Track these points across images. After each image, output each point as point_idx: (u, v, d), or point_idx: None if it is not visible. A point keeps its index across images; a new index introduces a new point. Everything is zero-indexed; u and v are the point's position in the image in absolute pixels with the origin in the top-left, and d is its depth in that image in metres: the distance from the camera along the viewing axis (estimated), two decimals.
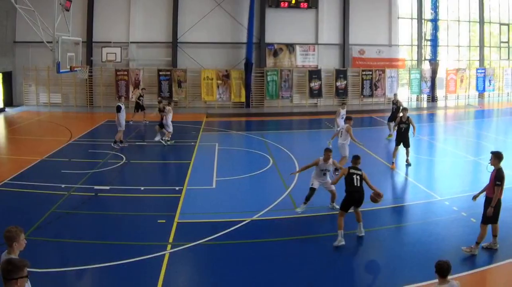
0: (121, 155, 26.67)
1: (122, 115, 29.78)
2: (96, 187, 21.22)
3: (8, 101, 49.03)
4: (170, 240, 15.88)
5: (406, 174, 25.05)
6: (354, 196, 15.65)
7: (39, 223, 17.12)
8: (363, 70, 52.39)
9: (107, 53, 47.79)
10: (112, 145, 28.95)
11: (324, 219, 17.58)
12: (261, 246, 15.52)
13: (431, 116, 46.56)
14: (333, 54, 52.90)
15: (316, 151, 28.22)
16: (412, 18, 55.30)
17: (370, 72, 52.41)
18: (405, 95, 54.32)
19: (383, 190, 21.20)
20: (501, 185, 14.21)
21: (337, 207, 16.89)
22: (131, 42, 49.70)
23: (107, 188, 21.35)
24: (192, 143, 31.60)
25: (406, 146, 26.64)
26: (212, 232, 16.35)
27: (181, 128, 36.30)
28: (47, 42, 30.21)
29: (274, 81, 50.18)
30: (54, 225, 17.19)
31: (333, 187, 18.26)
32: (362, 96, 52.59)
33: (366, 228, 15.57)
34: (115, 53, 47.85)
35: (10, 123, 40.59)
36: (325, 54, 52.39)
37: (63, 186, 21.58)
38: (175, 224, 17.25)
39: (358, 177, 15.84)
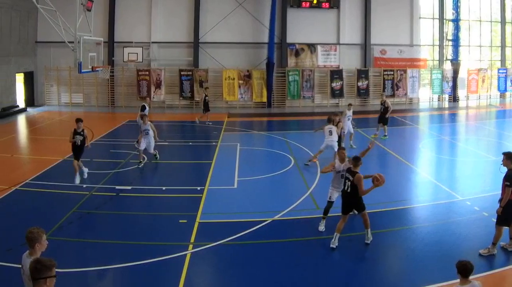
0: (143, 155, 26.72)
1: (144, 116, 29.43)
2: (117, 187, 21.27)
3: (30, 102, 49.33)
4: (192, 240, 15.88)
5: (428, 174, 24.86)
6: (343, 199, 15.54)
7: (60, 223, 17.17)
8: (384, 70, 52.21)
9: (128, 53, 47.97)
10: (135, 145, 28.85)
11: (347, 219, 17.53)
12: (282, 246, 15.46)
13: (453, 117, 46.32)
14: (355, 54, 52.77)
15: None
16: (433, 18, 55.09)
17: (392, 72, 52.21)
18: (427, 95, 54.21)
19: (404, 190, 21.35)
20: (510, 185, 14.06)
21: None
22: (152, 42, 49.84)
23: (129, 188, 21.40)
24: (214, 143, 31.62)
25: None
26: (234, 232, 16.33)
27: (203, 128, 36.30)
28: (69, 42, 30.23)
29: (295, 81, 50.12)
30: (75, 225, 17.25)
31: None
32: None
33: (387, 228, 15.46)
34: (137, 53, 48.02)
35: (31, 123, 40.78)
36: (347, 54, 52.24)
37: (84, 186, 21.69)
38: (196, 224, 17.25)
39: (348, 182, 15.31)
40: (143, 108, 30.20)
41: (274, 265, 14.13)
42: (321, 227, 16.64)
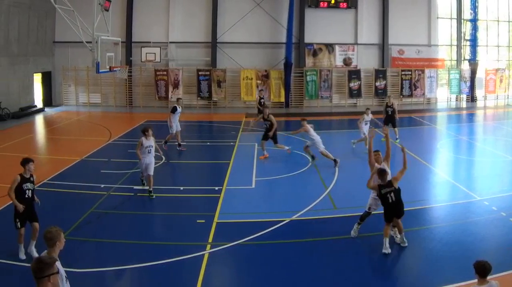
0: (161, 155, 26.80)
1: (176, 118, 29.35)
2: (135, 187, 21.34)
3: (48, 101, 49.59)
4: (210, 240, 15.89)
5: (446, 174, 24.81)
6: (390, 210, 15.01)
7: (78, 222, 17.24)
8: (402, 70, 52.02)
9: (146, 53, 48.02)
10: (163, 145, 28.77)
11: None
12: (300, 246, 15.44)
13: (470, 116, 46.13)
14: (373, 54, 52.63)
15: (355, 151, 28.14)
16: (451, 18, 54.78)
17: (410, 72, 52.00)
18: (445, 95, 54.00)
19: (422, 190, 21.38)
20: None
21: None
22: (170, 42, 49.97)
23: (147, 187, 21.33)
24: (232, 143, 31.64)
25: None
26: (251, 232, 16.32)
27: (221, 128, 36.33)
28: (87, 42, 30.30)
29: (313, 81, 50.08)
30: (93, 225, 17.29)
31: None
32: (401, 96, 52.15)
33: (405, 228, 15.28)
34: (155, 53, 48.05)
35: (49, 123, 40.94)
36: (365, 54, 52.17)
37: (102, 186, 21.74)
38: (214, 224, 17.25)
39: (390, 194, 14.88)
40: (174, 109, 29.76)
41: (292, 265, 14.11)
42: (354, 233, 16.13)
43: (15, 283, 12.90)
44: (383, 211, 15.18)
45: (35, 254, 13.37)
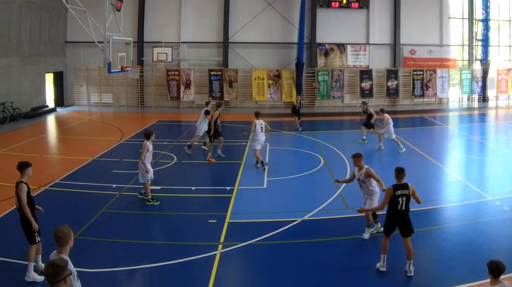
0: (172, 155, 26.71)
1: (205, 121, 28.91)
2: None
3: (59, 101, 49.78)
4: (221, 240, 15.90)
5: (458, 174, 24.78)
6: (395, 219, 13.68)
7: (90, 223, 17.27)
8: (414, 70, 52.03)
9: (158, 53, 48.12)
10: (186, 149, 28.70)
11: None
12: (312, 246, 15.43)
13: (482, 116, 46.03)
14: (384, 54, 52.63)
15: (366, 151, 28.08)
16: (463, 18, 54.68)
17: (421, 72, 52.02)
18: (456, 95, 53.90)
19: (434, 190, 21.32)
20: None
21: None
22: (182, 42, 50.13)
23: (158, 188, 21.38)
24: (243, 143, 31.68)
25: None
26: (263, 232, 16.32)
27: (232, 129, 36.33)
28: (98, 42, 30.38)
29: (325, 81, 50.12)
30: (105, 225, 17.31)
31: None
32: (413, 96, 52.24)
33: (417, 228, 15.11)
34: (166, 53, 48.12)
35: (61, 124, 41.07)
36: (376, 54, 52.17)
37: (114, 186, 21.80)
38: (226, 224, 17.28)
39: (403, 198, 13.48)
40: (207, 112, 29.75)
41: (303, 265, 14.09)
42: (366, 235, 15.99)
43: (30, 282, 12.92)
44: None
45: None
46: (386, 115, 29.62)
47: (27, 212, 12.89)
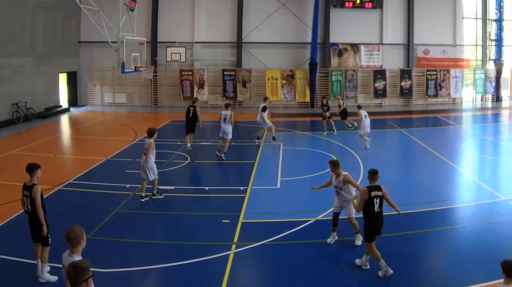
0: (186, 155, 26.73)
1: (265, 115, 31.12)
2: (160, 187, 21.13)
3: (73, 101, 49.97)
4: (235, 240, 15.90)
5: (471, 174, 24.68)
6: (378, 222, 13.67)
7: (103, 223, 17.30)
8: (427, 70, 51.86)
9: (171, 53, 48.21)
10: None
11: (391, 219, 17.33)
12: (325, 246, 15.41)
13: (496, 116, 45.81)
14: (398, 54, 52.49)
15: (380, 150, 28.06)
16: (476, 18, 54.46)
17: (435, 72, 51.82)
18: (470, 95, 53.73)
19: (447, 190, 21.24)
20: None
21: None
22: (195, 42, 50.21)
23: (172, 188, 21.48)
24: (257, 143, 31.66)
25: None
26: (277, 232, 16.32)
27: (246, 128, 36.34)
28: (112, 42, 30.39)
29: (338, 81, 50.06)
30: (118, 225, 17.34)
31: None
32: (426, 96, 52.08)
33: (430, 228, 15.15)
34: (180, 53, 48.19)
35: (74, 123, 41.19)
36: (390, 54, 52.04)
37: (127, 186, 21.80)
38: (239, 224, 17.28)
39: (377, 199, 13.58)
40: (264, 109, 31.13)
41: (317, 265, 14.11)
42: (358, 242, 15.72)
43: (43, 283, 12.97)
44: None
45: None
46: (361, 111, 30.87)
47: (42, 215, 12.88)
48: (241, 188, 21.66)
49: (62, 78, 48.68)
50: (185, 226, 17.49)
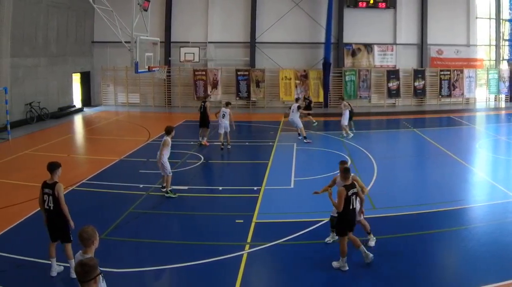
0: (199, 155, 26.77)
1: (297, 115, 31.78)
2: (174, 187, 21.18)
3: (86, 101, 50.15)
4: (248, 240, 15.91)
5: (485, 173, 24.58)
6: (352, 219, 14.06)
7: (117, 223, 17.35)
8: (441, 70, 51.65)
9: (185, 53, 48.33)
10: (304, 140, 30.38)
11: (403, 219, 17.27)
12: (339, 246, 15.19)
13: (509, 117, 45.45)
14: (411, 54, 52.31)
15: (394, 150, 28.01)
16: (490, 18, 54.22)
17: (448, 72, 51.61)
18: (483, 95, 53.53)
19: (461, 190, 21.23)
20: None
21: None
22: (209, 42, 50.20)
23: (185, 188, 21.52)
24: (270, 143, 31.67)
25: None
26: (290, 232, 16.31)
27: (259, 128, 36.35)
28: (125, 42, 30.45)
29: (352, 81, 49.98)
30: (132, 225, 17.39)
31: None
32: (440, 97, 51.89)
33: (444, 228, 15.12)
34: (193, 53, 48.32)
35: (88, 123, 41.33)
36: (403, 54, 51.87)
37: (141, 186, 21.87)
38: (253, 224, 17.28)
39: (354, 196, 13.88)
40: (298, 108, 31.88)
41: (331, 265, 14.01)
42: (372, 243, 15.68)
43: (56, 282, 13.04)
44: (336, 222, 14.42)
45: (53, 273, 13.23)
46: (344, 102, 33.48)
47: (67, 211, 13.14)
48: (255, 188, 21.65)
49: (76, 78, 48.87)
50: (198, 226, 17.48)
